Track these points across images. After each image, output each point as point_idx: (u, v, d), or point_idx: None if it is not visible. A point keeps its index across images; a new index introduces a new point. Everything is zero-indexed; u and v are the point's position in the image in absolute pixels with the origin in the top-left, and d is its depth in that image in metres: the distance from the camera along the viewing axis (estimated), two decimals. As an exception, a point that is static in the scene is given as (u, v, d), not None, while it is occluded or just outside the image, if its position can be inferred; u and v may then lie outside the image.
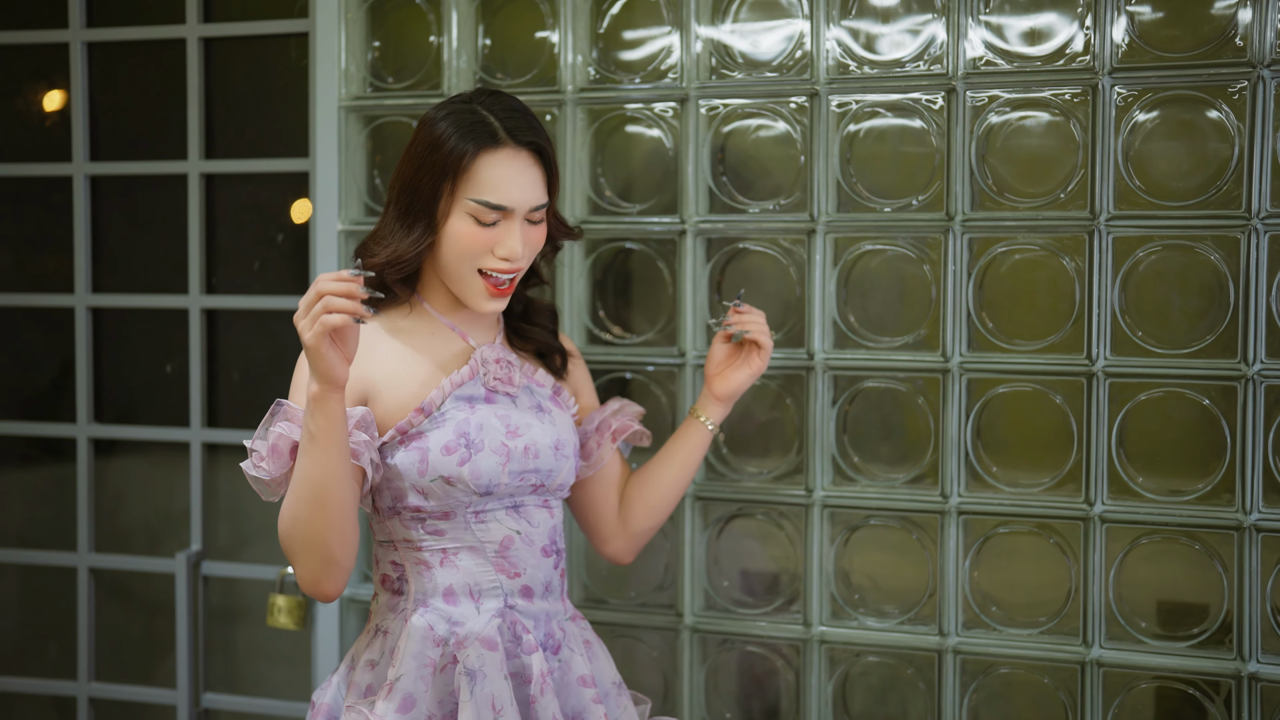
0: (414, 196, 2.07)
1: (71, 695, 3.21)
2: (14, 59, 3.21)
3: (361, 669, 2.11)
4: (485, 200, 2.04)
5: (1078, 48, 2.42)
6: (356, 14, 2.81)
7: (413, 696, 2.02)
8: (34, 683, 3.24)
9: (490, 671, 2.02)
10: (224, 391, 3.10)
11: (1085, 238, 2.41)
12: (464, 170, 2.04)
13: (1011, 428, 2.52)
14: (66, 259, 3.15)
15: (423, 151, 2.07)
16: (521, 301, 2.28)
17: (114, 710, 3.21)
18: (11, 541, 3.27)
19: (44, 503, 3.26)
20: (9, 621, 3.30)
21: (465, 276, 2.08)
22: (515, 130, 2.07)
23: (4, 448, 3.27)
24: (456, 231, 2.06)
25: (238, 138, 3.07)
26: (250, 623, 3.11)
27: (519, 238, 2.06)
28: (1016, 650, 2.49)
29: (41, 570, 3.25)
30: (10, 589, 3.29)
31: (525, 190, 2.07)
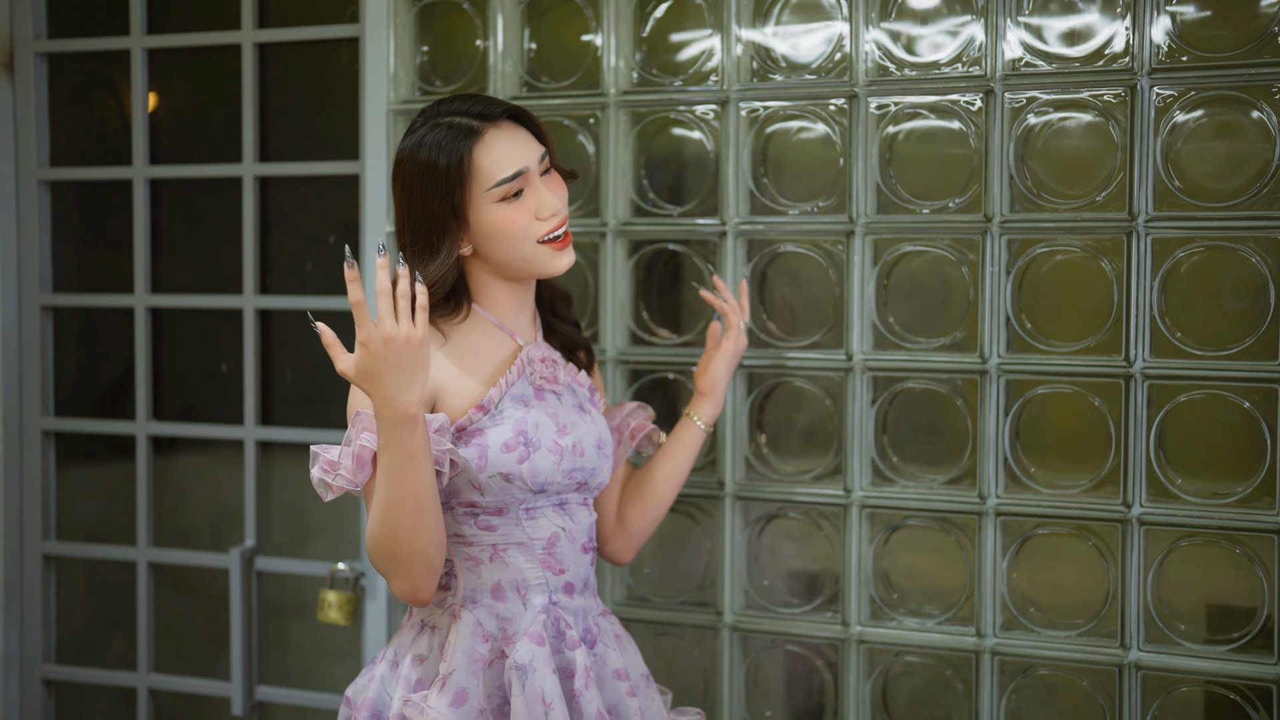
0: (430, 225, 2.09)
1: (132, 686, 3.29)
2: (78, 65, 3.29)
3: (409, 664, 2.14)
4: (502, 178, 2.08)
5: (1117, 48, 2.41)
6: (405, 18, 2.86)
7: (465, 691, 2.06)
8: (96, 673, 3.32)
9: (539, 666, 2.06)
10: (277, 390, 3.16)
11: (1124, 239, 2.41)
12: (469, 172, 2.07)
13: (1050, 429, 2.52)
14: (130, 260, 3.23)
15: (417, 183, 2.09)
16: (547, 289, 2.32)
17: (174, 701, 3.28)
18: (78, 536, 3.35)
19: (110, 498, 3.34)
20: (76, 614, 3.38)
21: (528, 253, 2.11)
22: (484, 112, 2.11)
23: (71, 445, 3.36)
24: (494, 223, 2.09)
25: (292, 141, 3.13)
26: (303, 617, 3.17)
27: (546, 192, 2.11)
28: (1054, 652, 2.49)
29: (106, 564, 3.33)
30: (77, 583, 3.37)
31: (525, 148, 2.11)
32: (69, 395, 3.35)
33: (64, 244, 3.33)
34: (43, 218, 3.29)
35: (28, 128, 3.26)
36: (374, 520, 1.98)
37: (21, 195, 3.28)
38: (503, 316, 2.19)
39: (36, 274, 3.27)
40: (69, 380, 3.35)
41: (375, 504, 1.96)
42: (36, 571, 3.32)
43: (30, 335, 3.29)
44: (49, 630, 3.35)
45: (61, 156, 3.30)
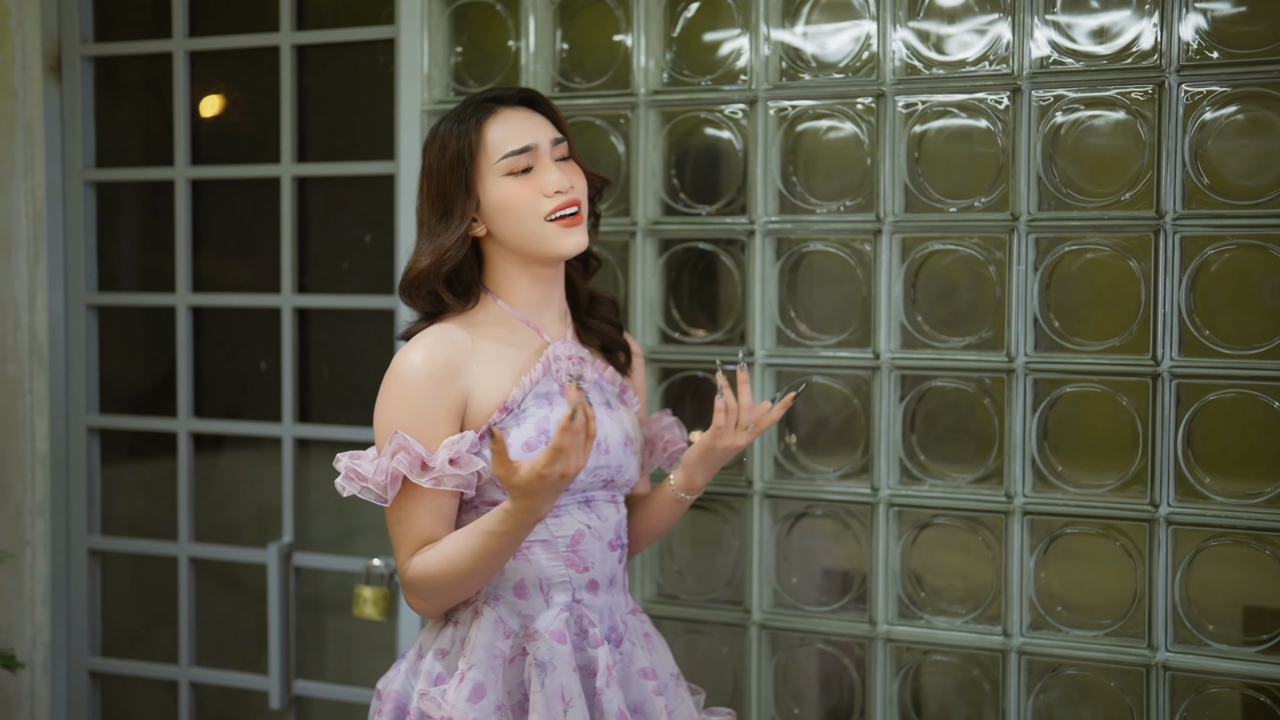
0: (444, 199, 2.14)
1: (174, 679, 3.34)
2: (123, 69, 3.35)
3: (431, 658, 2.16)
4: (509, 150, 2.12)
5: (1145, 46, 2.40)
6: (439, 19, 2.89)
7: (483, 686, 2.07)
8: (140, 666, 3.37)
9: (559, 664, 2.07)
10: (314, 388, 3.20)
11: (1151, 237, 2.39)
12: (478, 144, 2.12)
13: (1078, 428, 2.51)
14: (171, 260, 3.29)
15: (435, 160, 2.15)
16: (586, 296, 2.32)
17: (217, 695, 3.33)
18: (124, 531, 3.41)
19: (156, 494, 3.40)
20: (123, 608, 3.44)
21: (534, 230, 2.12)
22: (502, 96, 2.17)
23: (117, 441, 3.41)
24: (501, 197, 2.12)
25: (330, 142, 3.17)
26: (340, 612, 3.21)
27: (554, 169, 2.13)
28: (1082, 652, 2.48)
29: (151, 559, 3.39)
30: (124, 577, 3.43)
31: (536, 128, 2.15)
32: (114, 392, 3.40)
33: (108, 243, 3.39)
34: (88, 218, 3.35)
35: (74, 130, 3.32)
36: (447, 573, 2.03)
37: (68, 196, 3.34)
38: (527, 311, 2.20)
39: (82, 273, 3.33)
40: (114, 378, 3.40)
41: (458, 562, 2.02)
42: (82, 566, 3.38)
43: (76, 334, 3.35)
44: (95, 623, 3.41)
45: (106, 158, 3.36)
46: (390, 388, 2.08)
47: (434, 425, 2.05)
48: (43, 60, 3.29)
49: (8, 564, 3.28)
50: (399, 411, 2.07)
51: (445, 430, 2.07)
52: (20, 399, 3.32)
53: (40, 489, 3.33)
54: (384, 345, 3.08)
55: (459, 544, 2.02)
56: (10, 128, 3.29)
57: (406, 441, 2.03)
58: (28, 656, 3.33)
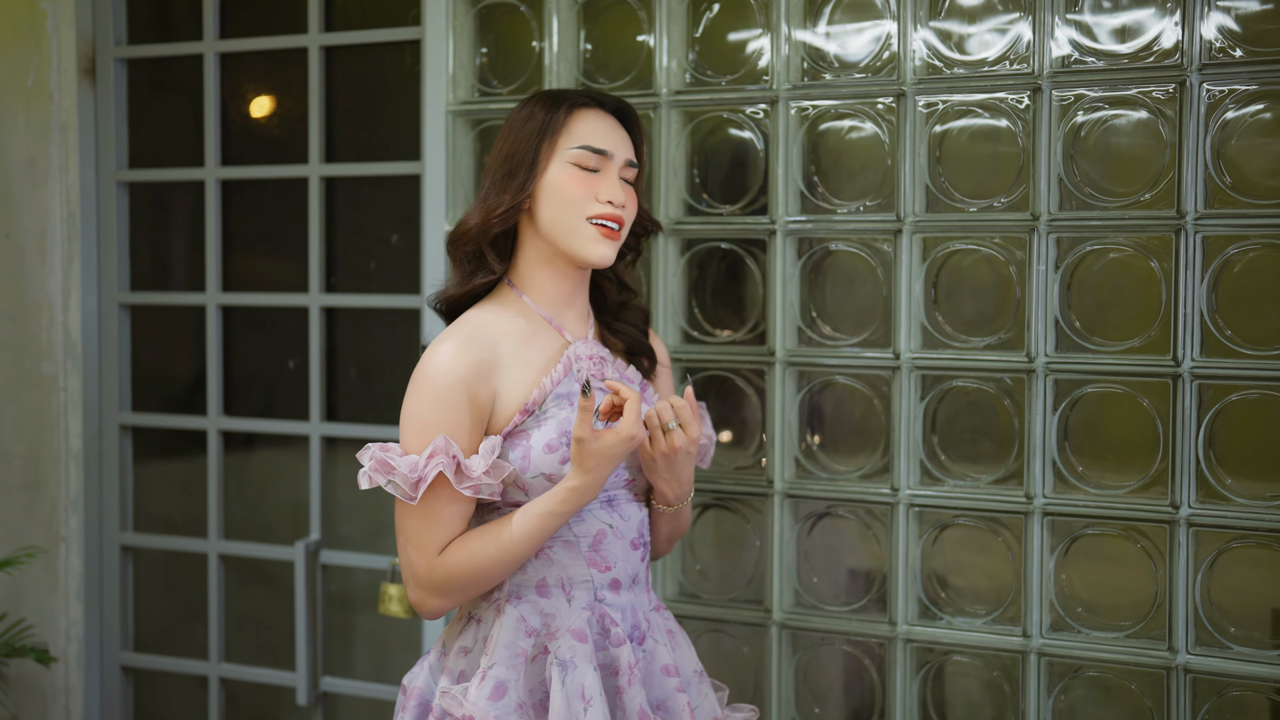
0: (513, 163, 2.16)
1: (204, 674, 3.38)
2: (154, 71, 3.39)
3: (455, 655, 2.17)
4: (587, 144, 2.14)
5: (1167, 44, 2.39)
6: (464, 21, 2.91)
7: (504, 684, 2.08)
8: (172, 661, 3.41)
9: (580, 663, 2.07)
10: (342, 386, 3.23)
11: (1172, 237, 2.38)
12: (561, 126, 2.15)
13: (1098, 429, 2.49)
14: (202, 260, 3.33)
15: (518, 125, 2.18)
16: (614, 302, 2.32)
17: (249, 690, 3.37)
18: (156, 527, 3.45)
19: (187, 491, 3.43)
20: (156, 604, 3.48)
21: (574, 225, 2.14)
22: (600, 99, 2.20)
23: (149, 439, 3.46)
24: (558, 182, 2.13)
25: (356, 142, 3.20)
26: (367, 610, 3.23)
27: (617, 184, 2.15)
28: (1102, 654, 2.47)
29: (183, 556, 3.42)
30: (156, 573, 3.47)
31: (620, 140, 2.17)
32: (146, 391, 3.44)
33: (140, 243, 3.43)
34: (121, 218, 3.39)
35: (108, 131, 3.36)
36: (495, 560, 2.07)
37: (101, 197, 3.38)
38: (550, 308, 2.20)
39: (115, 273, 3.37)
40: (146, 376, 3.45)
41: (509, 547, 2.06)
42: (115, 562, 3.42)
43: (109, 332, 3.39)
44: (127, 619, 3.45)
45: (139, 159, 3.40)
46: (422, 387, 2.08)
47: (463, 427, 2.06)
48: (77, 63, 3.33)
49: (42, 559, 3.32)
50: (431, 412, 2.07)
51: (472, 432, 2.08)
52: (54, 397, 3.37)
53: (74, 486, 3.38)
54: (410, 344, 3.10)
55: (515, 530, 2.06)
56: (46, 129, 3.33)
57: (447, 446, 2.04)
58: (62, 651, 3.37)
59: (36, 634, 3.34)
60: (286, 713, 3.33)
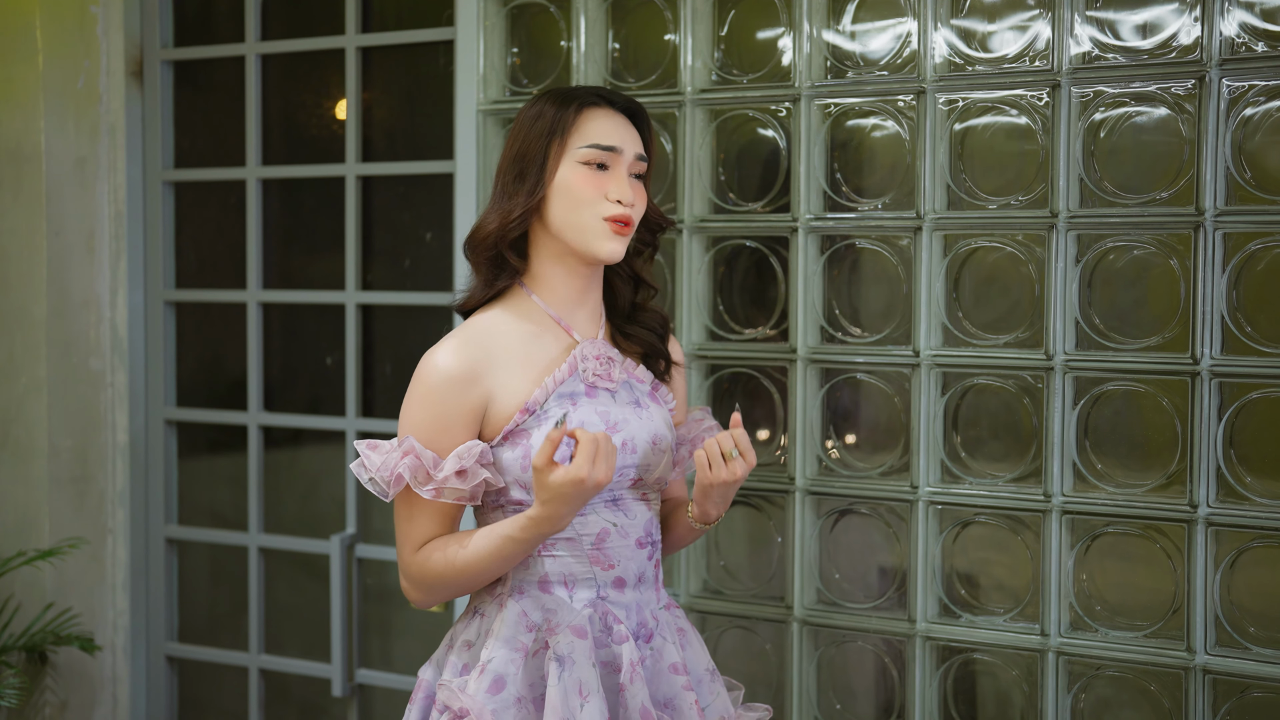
0: (522, 165, 2.18)
1: (244, 665, 3.44)
2: (199, 72, 3.46)
3: (459, 648, 2.19)
4: (595, 142, 2.15)
5: (1186, 41, 2.37)
6: (495, 21, 2.94)
7: (503, 678, 2.09)
8: (214, 652, 3.48)
9: (579, 658, 2.07)
10: (378, 383, 3.27)
11: (1191, 234, 2.36)
12: (570, 126, 2.16)
13: (1117, 427, 2.48)
14: (244, 258, 3.39)
15: (526, 125, 2.19)
16: (628, 304, 2.32)
17: (287, 680, 3.42)
18: (201, 521, 3.52)
19: (232, 485, 3.50)
20: (200, 595, 3.55)
21: (585, 223, 2.14)
22: (610, 96, 2.21)
23: (193, 434, 3.53)
24: (569, 182, 2.15)
25: (392, 141, 3.24)
26: (400, 603, 3.28)
27: (627, 182, 2.16)
28: (1120, 654, 2.45)
29: (226, 548, 3.49)
30: (200, 565, 3.54)
31: (628, 137, 2.18)
32: (192, 387, 3.52)
33: (186, 241, 3.50)
34: (166, 217, 3.47)
35: (154, 132, 3.44)
36: (457, 571, 2.10)
37: (148, 196, 3.45)
38: (560, 308, 2.20)
39: (160, 271, 3.45)
40: (191, 372, 3.52)
41: (470, 562, 2.09)
42: (160, 554, 3.49)
43: (155, 329, 3.47)
44: (171, 610, 3.53)
45: (184, 159, 3.47)
46: (414, 387, 2.12)
47: (450, 430, 2.09)
48: (125, 65, 3.41)
49: (89, 551, 3.40)
50: (418, 412, 2.11)
51: (461, 435, 2.10)
52: (102, 392, 3.44)
53: (120, 479, 3.45)
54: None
55: (474, 545, 2.08)
56: (95, 130, 3.41)
57: (415, 448, 2.08)
58: (109, 640, 3.45)
59: (83, 623, 3.41)
60: (325, 703, 3.38)
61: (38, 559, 3.17)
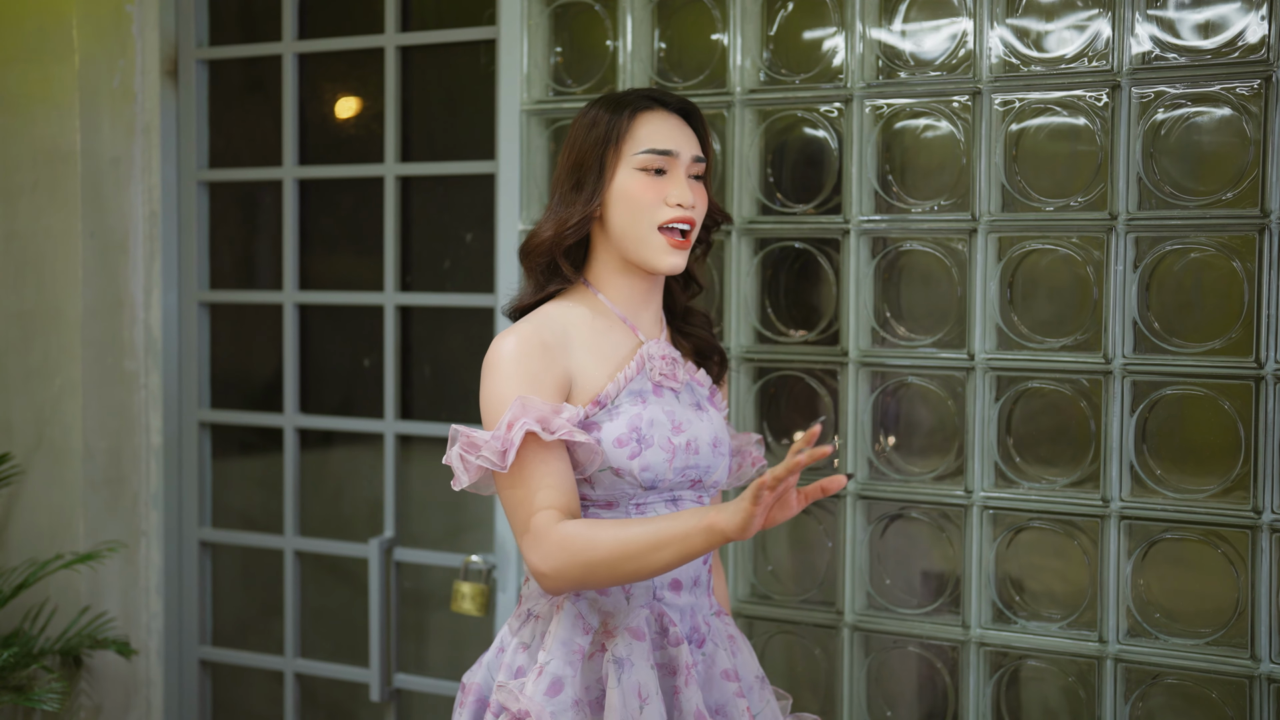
0: (580, 173, 2.17)
1: (279, 670, 3.41)
2: (234, 71, 3.43)
3: (513, 650, 2.17)
4: (652, 148, 2.14)
5: (1251, 40, 2.34)
6: (538, 20, 2.91)
7: (560, 680, 2.08)
8: (249, 656, 3.45)
9: (638, 660, 2.06)
10: (416, 385, 3.25)
11: (1255, 237, 2.33)
12: (625, 132, 2.15)
13: (1177, 432, 2.45)
14: (281, 258, 3.37)
15: (582, 134, 2.19)
16: (682, 307, 2.34)
17: (321, 685, 3.40)
18: (234, 524, 3.49)
19: (265, 488, 3.47)
20: (234, 599, 3.52)
21: (644, 235, 2.14)
22: (663, 98, 2.20)
23: (226, 436, 3.50)
24: (627, 188, 2.14)
25: (432, 142, 3.21)
26: (440, 607, 3.25)
27: (685, 184, 2.15)
28: (1180, 661, 2.42)
29: (260, 551, 3.46)
30: (234, 569, 3.52)
31: (684, 138, 2.18)
32: (225, 388, 3.49)
33: (220, 242, 3.47)
34: (201, 217, 3.44)
35: (189, 131, 3.41)
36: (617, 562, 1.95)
37: (182, 196, 3.43)
38: (625, 309, 2.21)
39: (195, 271, 3.42)
40: (225, 374, 3.49)
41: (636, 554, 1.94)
42: (194, 557, 3.47)
43: (189, 330, 3.44)
44: (205, 613, 3.50)
45: (219, 158, 3.44)
46: (494, 369, 2.08)
47: (546, 395, 2.06)
48: (160, 64, 3.38)
49: (124, 554, 3.37)
50: (508, 384, 2.06)
51: (554, 399, 2.07)
52: (136, 394, 3.42)
53: (154, 481, 3.43)
54: (484, 343, 3.11)
55: (642, 530, 1.94)
56: (130, 130, 3.39)
57: (528, 400, 2.04)
58: (143, 644, 3.42)
59: (118, 626, 3.39)
60: (361, 709, 3.36)
61: (76, 563, 3.15)
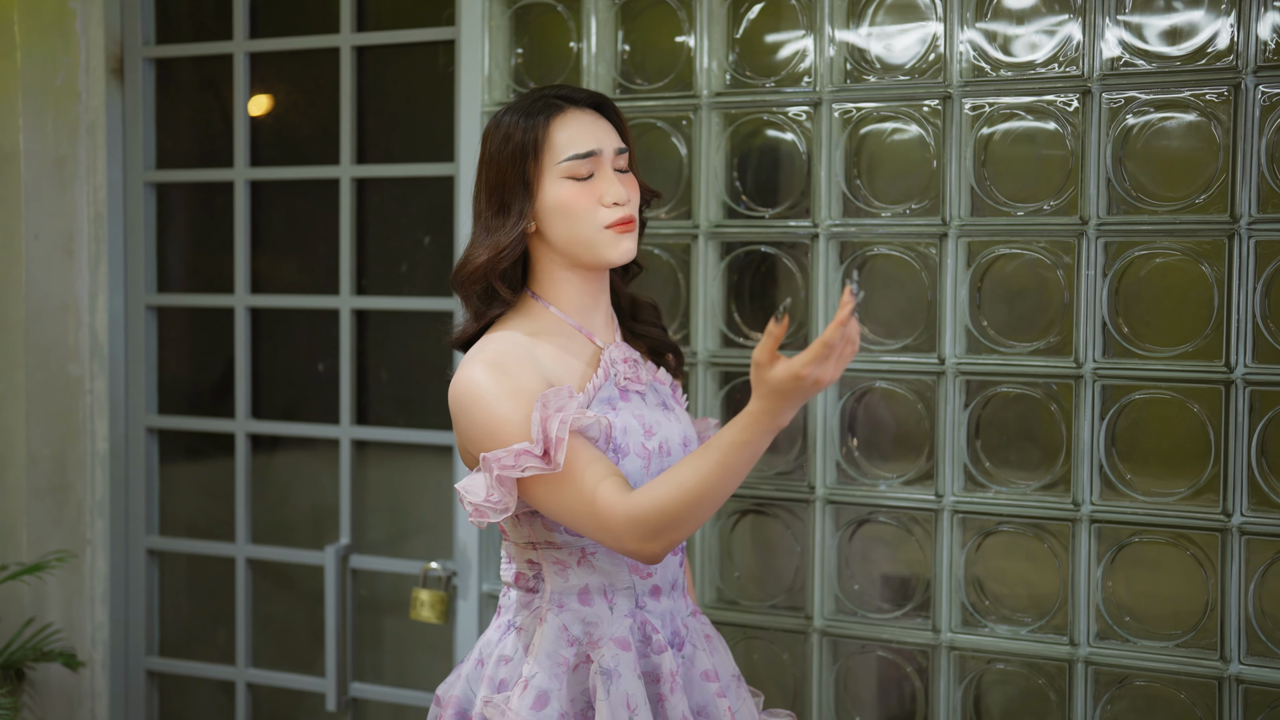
0: (502, 192, 2.10)
1: (231, 680, 3.35)
2: (183, 70, 3.36)
3: (494, 664, 2.14)
4: (574, 153, 2.08)
5: (1221, 46, 2.36)
6: (500, 21, 2.88)
7: (547, 694, 2.05)
8: (198, 666, 3.38)
9: (625, 671, 2.04)
10: (372, 390, 3.20)
11: (1225, 242, 2.35)
12: (543, 142, 2.08)
13: (1147, 435, 2.46)
14: (230, 261, 3.30)
15: (497, 150, 2.11)
16: (628, 300, 2.30)
17: (272, 696, 3.34)
18: (180, 531, 3.42)
19: (212, 494, 3.41)
20: (180, 608, 3.45)
21: (589, 236, 2.09)
22: (572, 96, 2.13)
23: (173, 442, 3.43)
24: (559, 199, 2.08)
25: (388, 143, 3.17)
26: (397, 615, 3.20)
27: (615, 181, 2.10)
28: (1151, 663, 2.44)
29: (208, 559, 3.40)
30: (180, 577, 3.44)
31: (603, 134, 2.11)
32: (173, 393, 3.42)
33: (169, 244, 3.40)
34: (149, 219, 3.37)
35: (135, 132, 3.34)
36: (689, 496, 1.90)
37: (129, 197, 3.35)
38: (578, 316, 2.16)
39: (142, 274, 3.35)
40: (173, 378, 3.42)
41: (700, 484, 1.89)
42: (140, 565, 3.39)
43: (135, 334, 3.37)
44: (152, 623, 3.43)
45: (166, 159, 3.37)
46: (474, 399, 2.01)
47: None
48: (106, 62, 3.30)
49: (69, 563, 3.29)
50: (500, 405, 2.00)
51: None
52: (81, 399, 3.34)
53: (100, 489, 3.35)
54: (442, 347, 3.07)
55: (697, 467, 1.91)
56: (74, 130, 3.31)
57: (545, 396, 1.98)
58: (88, 655, 3.35)
59: (63, 638, 3.31)
60: (313, 718, 3.30)
61: (24, 573, 3.06)
